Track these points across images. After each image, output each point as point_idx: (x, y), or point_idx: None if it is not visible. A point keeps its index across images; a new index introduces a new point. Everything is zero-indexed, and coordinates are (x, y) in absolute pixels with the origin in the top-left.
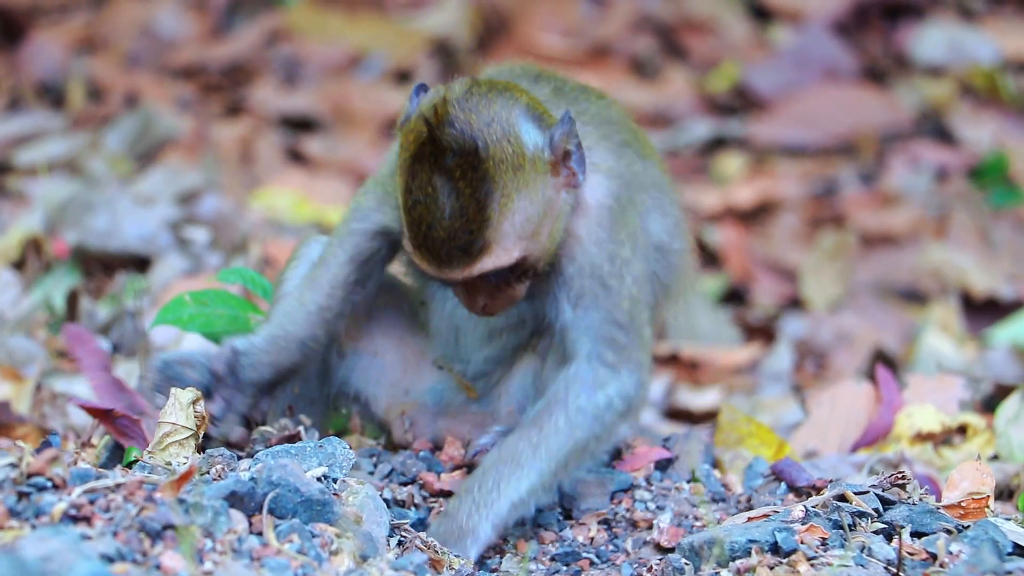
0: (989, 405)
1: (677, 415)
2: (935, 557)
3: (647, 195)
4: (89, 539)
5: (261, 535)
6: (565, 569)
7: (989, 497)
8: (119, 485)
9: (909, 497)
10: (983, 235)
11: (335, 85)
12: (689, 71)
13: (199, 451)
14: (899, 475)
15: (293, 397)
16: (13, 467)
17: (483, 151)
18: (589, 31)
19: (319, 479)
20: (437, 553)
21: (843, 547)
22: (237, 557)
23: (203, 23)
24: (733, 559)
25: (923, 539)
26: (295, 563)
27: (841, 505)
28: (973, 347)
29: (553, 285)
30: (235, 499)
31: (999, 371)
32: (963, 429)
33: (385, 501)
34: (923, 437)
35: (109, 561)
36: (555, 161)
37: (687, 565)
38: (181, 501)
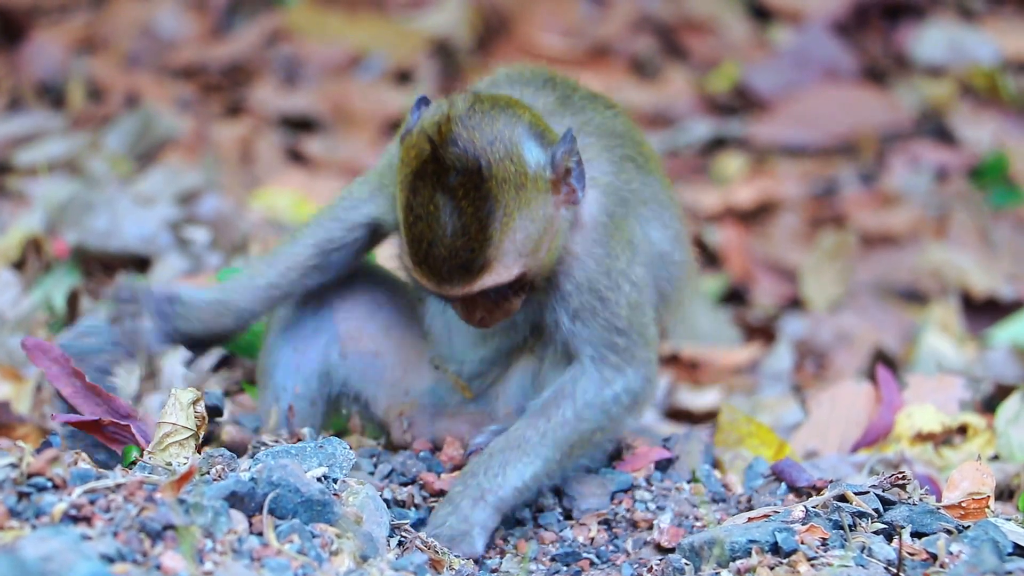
0: (989, 405)
1: (677, 415)
2: (935, 557)
3: (646, 208)
4: (89, 539)
5: (261, 535)
6: (565, 569)
7: (989, 497)
8: (119, 485)
9: (909, 497)
10: (983, 235)
11: (335, 85)
12: (689, 71)
13: (199, 451)
14: (899, 475)
15: (294, 397)
16: (13, 467)
17: (486, 170)
18: (589, 31)
19: (319, 479)
20: (437, 553)
21: (843, 547)
22: (237, 557)
23: (203, 23)
24: (733, 559)
25: (923, 539)
26: (295, 563)
27: (841, 505)
28: (973, 347)
29: (552, 299)
30: (235, 499)
31: (999, 371)
32: (963, 429)
33: (385, 501)
34: (923, 437)
35: (109, 561)
36: (556, 179)
37: (687, 565)
38: (181, 501)
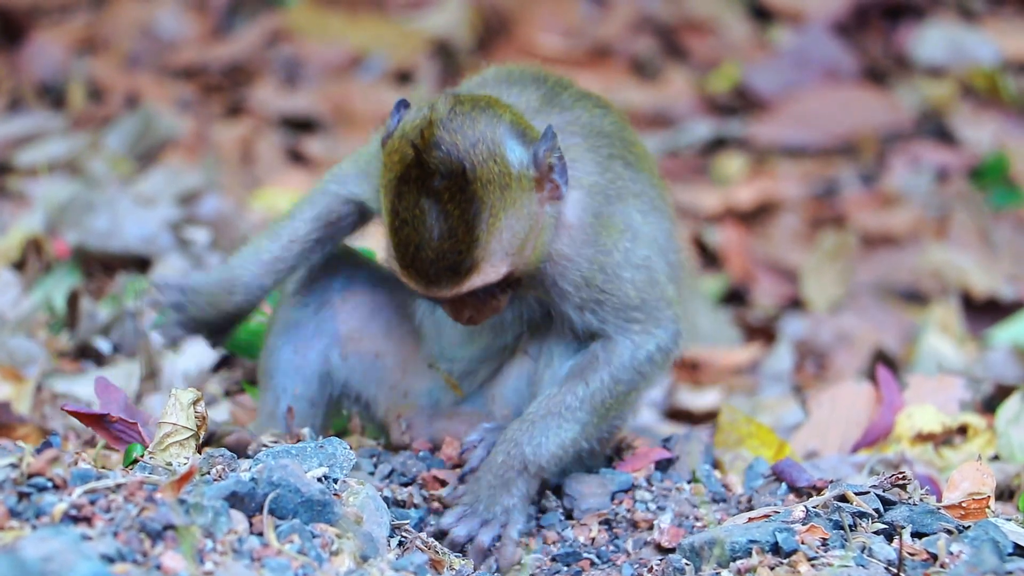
0: (990, 405)
1: (677, 415)
2: (936, 557)
3: (638, 201)
4: (89, 539)
5: (262, 535)
6: (566, 569)
7: (990, 497)
8: (119, 485)
9: (910, 497)
10: (983, 236)
11: (335, 86)
12: (689, 71)
13: (199, 451)
14: (900, 475)
15: (294, 398)
16: (13, 467)
17: (470, 172)
18: (589, 31)
19: (320, 479)
20: (437, 553)
21: (844, 547)
22: (238, 557)
23: (203, 23)
24: (734, 559)
25: (924, 539)
26: (295, 563)
27: (842, 505)
28: (973, 347)
29: (553, 298)
30: (235, 499)
31: (999, 371)
32: (964, 429)
33: (385, 501)
34: (924, 437)
35: (109, 561)
36: (539, 177)
37: (688, 565)
38: (182, 501)
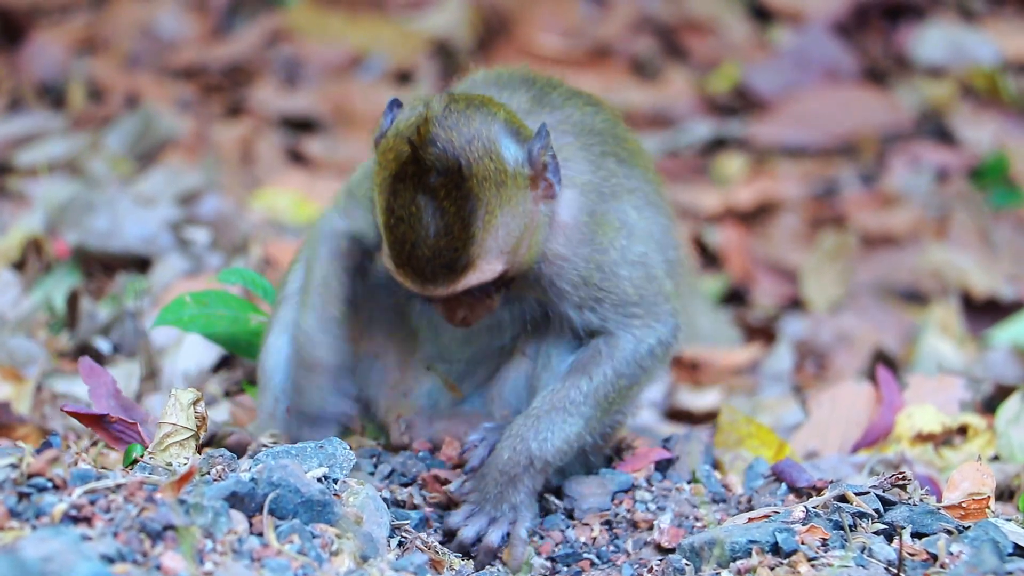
0: (990, 406)
1: (677, 416)
2: (936, 558)
3: (633, 196)
4: (89, 540)
5: (261, 536)
6: (566, 570)
7: (990, 498)
8: (119, 486)
9: (910, 498)
10: (983, 236)
11: (336, 86)
12: (689, 72)
13: (199, 451)
14: (900, 476)
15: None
16: (13, 468)
17: (466, 169)
18: (589, 31)
19: (320, 480)
20: (437, 554)
21: (844, 548)
22: (237, 558)
23: (203, 24)
24: (734, 560)
25: (924, 540)
26: (295, 564)
27: (842, 506)
28: (973, 348)
29: (551, 299)
30: (235, 499)
31: (999, 372)
32: (964, 430)
33: (385, 502)
34: (924, 438)
35: (109, 562)
36: (534, 175)
37: (688, 566)
38: (182, 502)
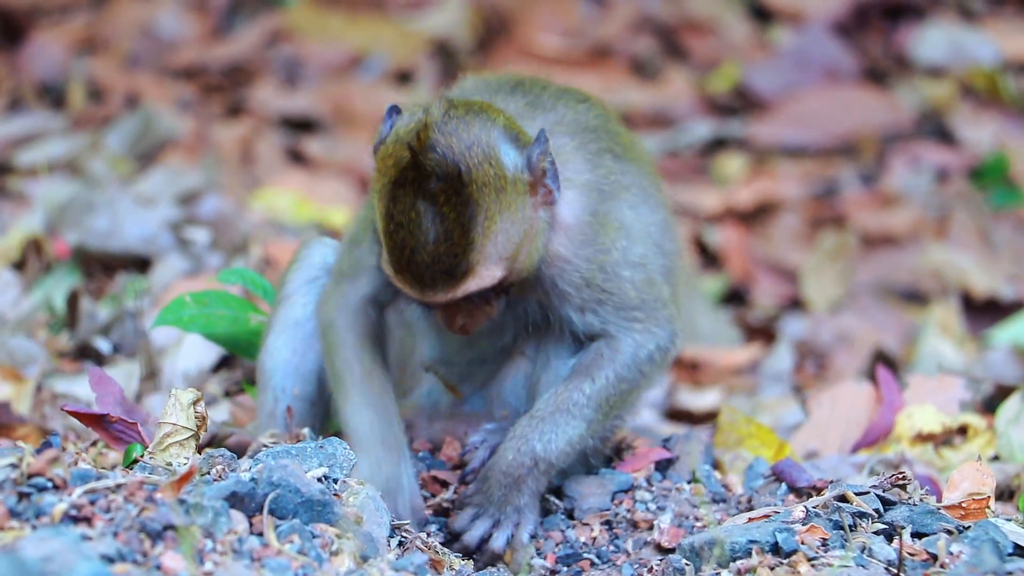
0: (990, 406)
1: (677, 416)
2: (936, 558)
3: (630, 193)
4: (89, 539)
5: (262, 535)
6: (566, 570)
7: (990, 498)
8: (119, 486)
9: (910, 498)
10: (983, 236)
11: (336, 86)
12: (689, 72)
13: (199, 451)
14: (900, 476)
15: (293, 398)
16: (13, 467)
17: (466, 175)
18: (589, 31)
19: (320, 480)
20: (437, 553)
21: (844, 548)
22: (237, 557)
23: (203, 23)
24: (734, 559)
25: (924, 539)
26: (295, 563)
27: (842, 506)
28: (973, 348)
29: (553, 301)
30: (235, 499)
31: (999, 372)
32: (964, 430)
33: None
34: (924, 438)
35: (109, 561)
36: (533, 181)
37: (687, 566)
38: (182, 502)
